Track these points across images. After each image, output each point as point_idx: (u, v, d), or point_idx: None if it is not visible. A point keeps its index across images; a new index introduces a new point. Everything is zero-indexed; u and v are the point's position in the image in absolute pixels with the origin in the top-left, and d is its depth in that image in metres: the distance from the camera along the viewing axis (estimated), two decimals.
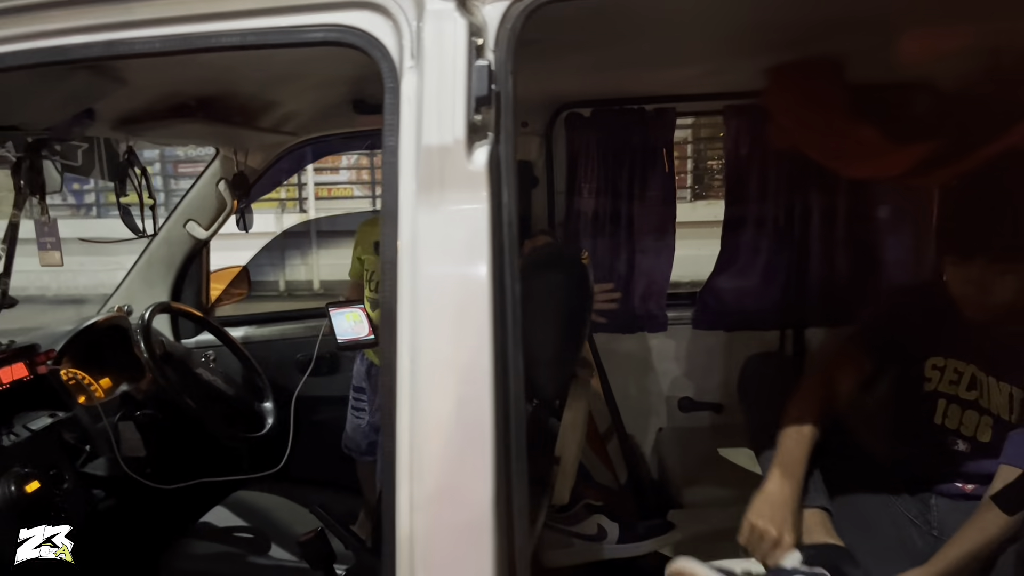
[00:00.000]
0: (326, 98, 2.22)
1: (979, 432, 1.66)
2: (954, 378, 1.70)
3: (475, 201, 1.00)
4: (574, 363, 1.52)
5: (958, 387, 1.69)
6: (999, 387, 1.62)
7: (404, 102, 1.03)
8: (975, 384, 1.67)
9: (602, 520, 1.72)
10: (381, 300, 1.06)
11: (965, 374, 1.68)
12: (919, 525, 1.68)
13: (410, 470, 1.03)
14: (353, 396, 2.55)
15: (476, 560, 1.00)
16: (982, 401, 1.66)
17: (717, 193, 10.55)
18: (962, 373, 1.69)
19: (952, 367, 1.70)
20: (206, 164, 2.57)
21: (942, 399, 1.71)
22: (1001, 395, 1.61)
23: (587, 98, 2.47)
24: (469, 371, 1.00)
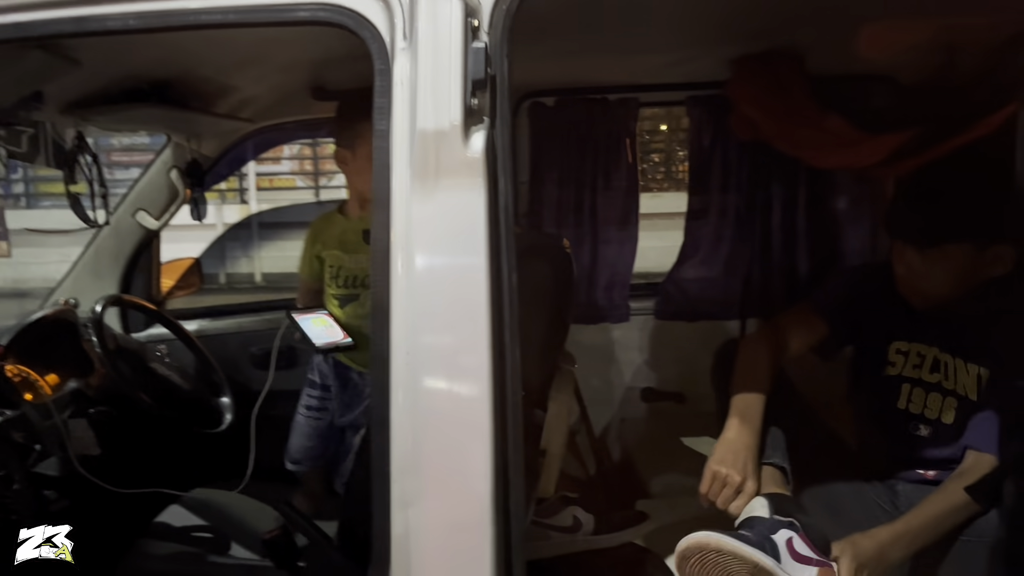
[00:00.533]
0: (285, 84, 2.16)
1: (943, 414, 1.68)
2: (917, 362, 1.72)
3: (472, 188, 0.97)
4: (558, 354, 1.51)
5: (921, 370, 1.71)
6: (967, 368, 1.64)
7: (396, 84, 1.00)
8: (938, 366, 1.69)
9: (577, 512, 1.71)
10: (373, 292, 1.02)
11: (928, 357, 1.70)
12: (887, 510, 1.71)
13: (403, 466, 1.00)
14: (310, 395, 2.32)
15: (474, 557, 0.98)
16: (946, 383, 1.68)
17: (661, 186, 10.66)
18: (925, 356, 1.71)
19: (915, 351, 1.72)
20: (141, 153, 2.48)
21: (906, 383, 1.73)
22: (969, 376, 1.63)
23: (550, 87, 2.45)
24: (467, 364, 0.98)
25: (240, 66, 1.92)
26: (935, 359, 1.70)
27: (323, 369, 2.27)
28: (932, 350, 1.70)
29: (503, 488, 1.00)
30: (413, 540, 0.99)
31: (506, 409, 1.00)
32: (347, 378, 2.22)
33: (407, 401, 0.99)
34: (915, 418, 1.72)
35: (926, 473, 1.71)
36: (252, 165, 9.82)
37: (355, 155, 2.03)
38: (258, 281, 9.50)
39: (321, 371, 2.28)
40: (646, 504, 2.05)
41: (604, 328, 2.61)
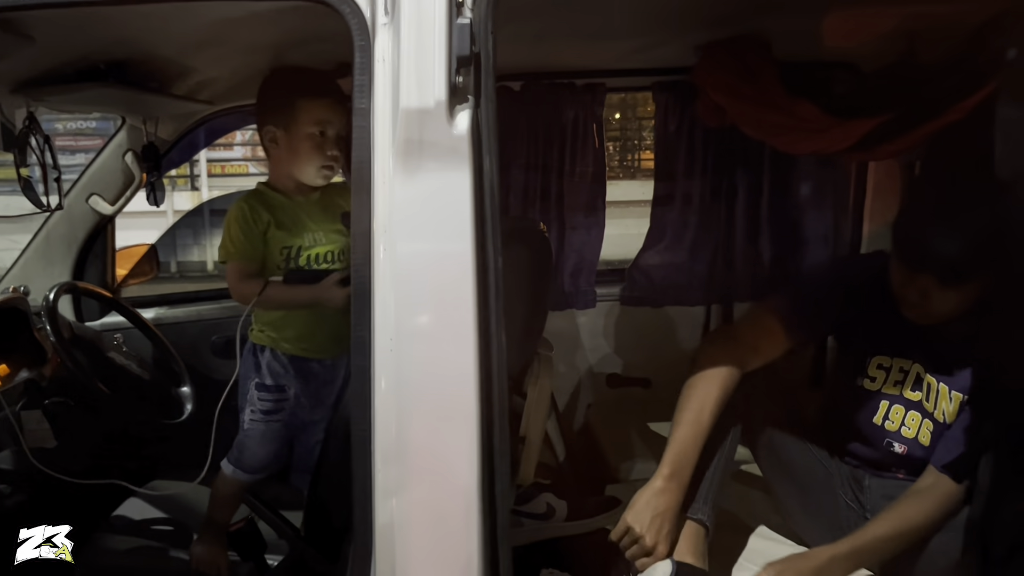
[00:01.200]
0: (247, 66, 2.09)
1: (920, 435, 1.67)
2: (899, 378, 1.69)
3: (458, 168, 0.95)
4: (537, 340, 1.49)
5: (903, 387, 1.69)
6: (949, 395, 1.62)
7: (378, 62, 0.97)
8: (920, 384, 1.67)
9: (550, 498, 1.70)
10: (354, 276, 0.99)
11: (911, 373, 1.68)
12: (854, 508, 1.72)
13: (386, 454, 0.98)
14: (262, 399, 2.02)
15: (460, 543, 0.96)
16: (927, 404, 1.66)
17: (617, 174, 10.72)
18: (907, 372, 1.69)
19: (898, 366, 1.70)
20: (88, 138, 2.39)
21: (885, 400, 1.71)
22: (952, 404, 1.62)
23: (517, 71, 2.43)
24: (452, 350, 0.96)
25: (200, 47, 1.86)
26: (918, 376, 1.67)
27: (274, 368, 2.01)
28: (916, 367, 1.68)
29: (489, 476, 0.98)
30: (398, 530, 0.97)
31: (492, 396, 0.98)
32: (307, 371, 2.01)
33: (391, 388, 0.96)
34: (891, 435, 1.71)
35: (897, 472, 1.73)
36: (204, 151, 9.62)
37: (288, 134, 1.88)
38: (210, 270, 9.34)
39: (272, 371, 2.01)
40: (615, 489, 2.06)
41: (570, 314, 2.60)
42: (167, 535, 2.08)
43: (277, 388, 2.02)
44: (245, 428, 2.02)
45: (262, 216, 1.91)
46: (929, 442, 1.65)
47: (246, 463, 2.00)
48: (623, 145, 11.54)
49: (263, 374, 2.01)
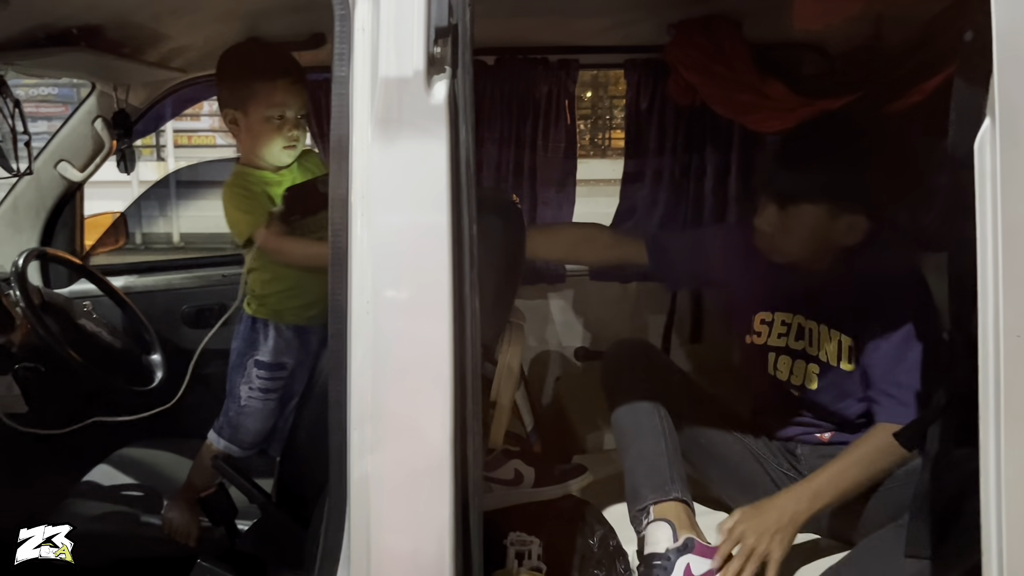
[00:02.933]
0: (221, 34, 2.08)
1: (807, 380, 1.74)
2: (783, 331, 1.76)
3: (435, 137, 0.97)
4: (509, 308, 1.53)
5: (787, 338, 1.76)
6: (829, 334, 1.70)
7: (358, 30, 0.98)
8: (803, 333, 1.74)
9: (519, 465, 1.74)
10: (332, 242, 1.01)
11: (793, 325, 1.75)
12: (792, 477, 1.77)
13: (362, 414, 1.01)
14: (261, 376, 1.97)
15: (433, 502, 1.00)
16: (810, 349, 1.73)
17: (586, 152, 10.74)
18: (790, 324, 1.76)
19: (780, 319, 1.77)
20: (52, 105, 2.36)
21: (772, 352, 1.78)
22: (831, 343, 1.69)
23: (490, 46, 2.44)
24: (427, 314, 0.99)
25: (175, 13, 1.86)
26: (800, 326, 1.75)
27: (278, 344, 1.96)
28: (797, 318, 1.75)
29: (461, 437, 1.01)
30: (372, 487, 1.00)
31: (465, 360, 1.01)
32: (308, 342, 1.99)
33: (367, 352, 0.99)
34: (784, 384, 1.78)
35: (822, 436, 1.79)
36: (170, 121, 9.48)
37: (247, 117, 1.86)
38: (176, 242, 9.23)
39: (276, 347, 1.96)
40: (582, 458, 2.10)
41: (540, 289, 2.64)
42: (137, 500, 2.09)
43: (278, 366, 1.98)
44: (241, 405, 1.98)
45: (255, 190, 1.90)
46: (816, 386, 1.72)
47: (241, 439, 1.99)
48: (594, 124, 11.57)
49: (264, 351, 1.97)
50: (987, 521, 0.96)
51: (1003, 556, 0.95)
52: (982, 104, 0.94)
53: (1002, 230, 0.93)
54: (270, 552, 1.76)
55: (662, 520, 1.57)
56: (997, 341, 0.94)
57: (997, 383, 0.94)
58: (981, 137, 0.95)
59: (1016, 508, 0.95)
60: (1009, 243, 0.93)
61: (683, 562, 1.50)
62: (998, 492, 0.95)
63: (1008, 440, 0.95)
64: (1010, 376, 0.94)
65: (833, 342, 1.69)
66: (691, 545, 1.52)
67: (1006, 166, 0.93)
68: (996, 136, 0.93)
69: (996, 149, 0.93)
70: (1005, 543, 0.95)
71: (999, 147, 0.93)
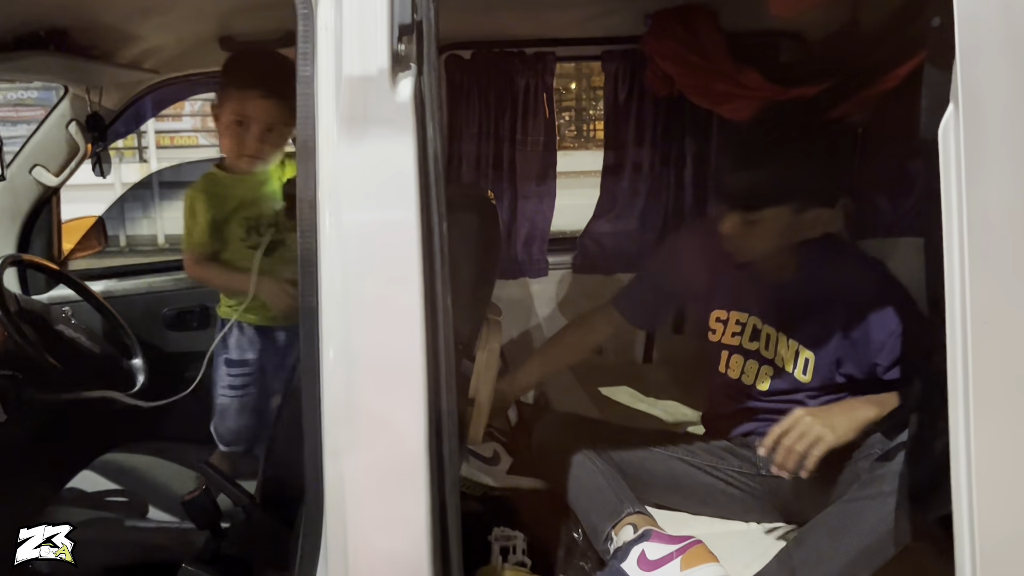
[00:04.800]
0: (193, 33, 2.08)
1: (759, 381, 1.75)
2: (737, 330, 1.77)
3: (401, 134, 0.97)
4: (486, 305, 1.52)
5: (742, 338, 1.77)
6: (788, 343, 1.70)
7: (321, 29, 0.98)
8: (758, 336, 1.74)
9: (498, 448, 1.75)
10: (300, 242, 1.00)
11: (748, 325, 1.76)
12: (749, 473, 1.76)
13: (335, 416, 1.00)
14: (230, 374, 2.09)
15: (409, 500, 0.99)
16: (765, 352, 1.73)
17: (572, 144, 10.74)
18: (744, 324, 1.77)
19: (735, 319, 1.78)
20: (29, 109, 2.33)
21: (725, 350, 1.79)
22: (789, 350, 1.69)
23: (467, 40, 2.43)
24: (399, 313, 0.98)
25: (145, 14, 1.84)
26: (755, 328, 1.75)
27: (241, 342, 2.07)
28: (753, 319, 1.76)
29: (436, 435, 1.01)
30: (348, 488, 0.99)
31: (439, 357, 1.00)
32: (274, 341, 2.07)
33: (339, 352, 0.99)
34: (735, 383, 1.78)
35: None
36: (151, 122, 9.42)
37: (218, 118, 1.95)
38: (161, 243, 9.17)
39: (239, 344, 2.07)
40: None
41: (523, 283, 2.63)
42: (121, 506, 2.08)
43: (241, 363, 2.07)
44: (217, 403, 2.08)
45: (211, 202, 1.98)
46: (768, 387, 1.73)
47: (221, 435, 2.09)
48: (578, 115, 11.56)
49: (229, 348, 2.07)
50: (959, 501, 0.97)
51: (975, 537, 0.95)
52: (948, 90, 0.94)
53: (967, 215, 0.93)
54: (255, 554, 1.75)
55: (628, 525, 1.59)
56: (964, 327, 0.94)
57: (965, 369, 0.94)
58: (945, 122, 0.95)
59: (986, 490, 0.95)
60: (974, 228, 0.93)
61: (638, 549, 1.50)
62: (969, 478, 0.95)
63: (977, 427, 0.95)
64: (978, 361, 0.94)
65: (791, 350, 1.69)
66: (648, 534, 1.52)
67: (970, 151, 0.93)
68: (960, 121, 0.93)
69: (960, 134, 0.93)
70: (977, 525, 0.95)
71: (963, 132, 0.93)
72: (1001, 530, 0.97)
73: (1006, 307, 0.95)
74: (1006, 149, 0.94)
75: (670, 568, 1.49)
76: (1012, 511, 0.97)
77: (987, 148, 0.93)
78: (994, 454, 0.96)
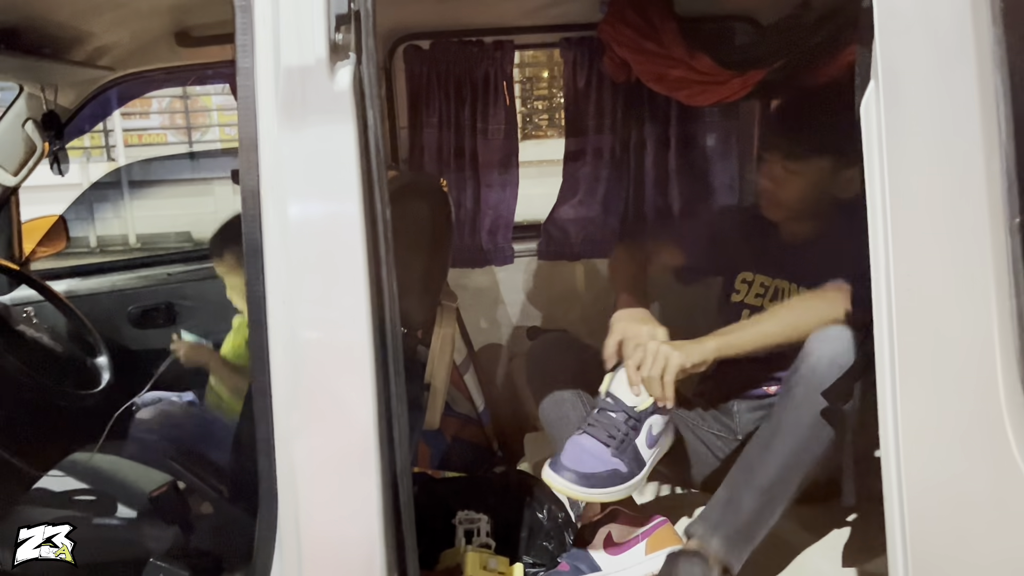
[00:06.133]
0: (147, 29, 2.07)
1: None
2: (760, 291, 1.82)
3: (341, 123, 0.98)
4: (439, 291, 1.54)
5: (764, 299, 1.80)
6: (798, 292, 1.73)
7: (259, 21, 0.98)
8: (778, 295, 1.78)
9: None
10: (245, 234, 1.01)
11: (771, 287, 1.80)
12: (723, 436, 1.80)
13: (284, 402, 1.02)
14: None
15: (360, 483, 1.01)
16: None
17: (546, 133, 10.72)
18: (768, 287, 1.81)
19: (759, 281, 1.82)
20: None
21: (746, 310, 1.81)
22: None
23: (425, 30, 2.43)
24: (344, 298, 0.99)
25: (96, 10, 1.83)
26: (777, 288, 1.79)
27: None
28: (776, 281, 1.80)
29: (387, 418, 1.03)
30: (299, 473, 1.01)
31: (386, 340, 1.02)
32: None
33: (287, 340, 1.00)
34: None
35: (768, 390, 1.79)
36: (119, 120, 9.30)
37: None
38: (132, 243, 9.08)
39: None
40: (534, 436, 2.13)
41: (489, 271, 2.65)
42: (91, 505, 2.08)
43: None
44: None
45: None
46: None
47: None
48: (550, 104, 11.55)
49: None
50: (887, 471, 1.00)
51: (903, 504, 0.99)
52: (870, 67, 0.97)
53: (889, 185, 0.96)
54: (223, 546, 1.76)
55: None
56: (889, 295, 0.97)
57: (891, 331, 0.98)
58: (867, 99, 0.98)
59: (911, 442, 0.99)
60: (896, 198, 0.96)
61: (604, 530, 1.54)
62: (896, 445, 0.99)
63: (904, 400, 0.99)
64: (902, 323, 0.97)
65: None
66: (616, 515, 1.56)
67: (889, 125, 0.96)
68: (880, 97, 0.96)
69: (880, 110, 0.96)
70: (905, 491, 0.99)
71: (883, 108, 0.96)
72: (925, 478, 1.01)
73: (928, 280, 0.98)
74: (923, 124, 0.97)
75: (635, 552, 1.51)
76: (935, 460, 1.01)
77: (905, 123, 0.97)
78: (918, 411, 1.00)
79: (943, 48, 0.96)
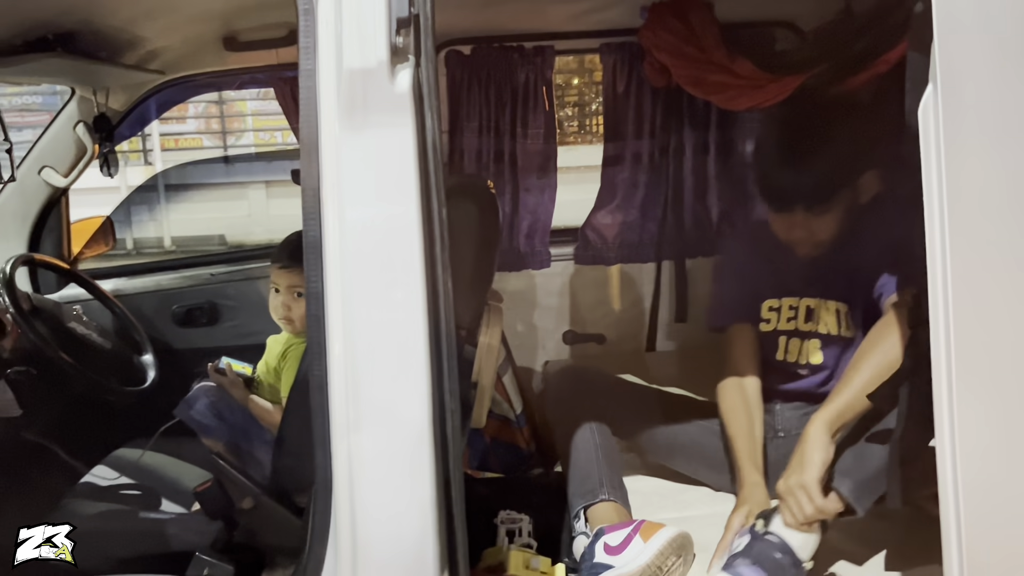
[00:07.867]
0: (197, 34, 2.11)
1: (811, 356, 1.77)
2: (791, 315, 1.79)
3: (400, 124, 1.00)
4: (487, 291, 1.55)
5: (796, 321, 1.79)
6: (827, 306, 1.74)
7: (321, 24, 1.01)
8: (811, 315, 1.77)
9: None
10: (305, 232, 1.04)
11: (799, 308, 1.78)
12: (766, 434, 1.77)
13: (343, 396, 1.04)
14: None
15: (415, 479, 1.03)
16: (820, 328, 1.76)
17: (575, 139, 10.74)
18: (797, 308, 1.79)
19: (787, 304, 1.80)
20: (34, 114, 2.36)
21: (783, 336, 1.80)
22: (829, 313, 1.73)
23: (467, 35, 2.46)
24: (401, 297, 1.01)
25: (149, 15, 1.88)
26: (808, 308, 1.77)
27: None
28: (804, 301, 1.78)
29: (440, 415, 1.04)
30: (355, 467, 1.03)
31: (440, 339, 1.04)
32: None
33: (345, 335, 1.02)
34: (793, 366, 1.80)
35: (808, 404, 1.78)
36: (156, 125, 9.46)
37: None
38: (167, 246, 9.23)
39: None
40: None
41: (526, 274, 2.67)
42: (137, 499, 2.12)
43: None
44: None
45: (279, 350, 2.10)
46: (821, 359, 1.75)
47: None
48: (581, 110, 11.57)
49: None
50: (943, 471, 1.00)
51: (959, 505, 0.99)
52: (927, 72, 0.97)
53: (947, 191, 0.96)
54: (266, 541, 1.79)
55: (582, 534, 1.61)
56: (947, 302, 0.97)
57: (948, 344, 0.98)
58: (925, 102, 0.98)
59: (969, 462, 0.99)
60: (954, 204, 0.96)
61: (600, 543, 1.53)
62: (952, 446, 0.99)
63: (960, 400, 0.98)
64: (960, 336, 0.97)
65: (831, 312, 1.73)
66: (601, 532, 1.55)
67: (948, 129, 0.96)
68: (938, 101, 0.96)
69: (939, 113, 0.96)
70: (961, 492, 0.98)
71: (941, 111, 0.96)
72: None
73: (986, 282, 0.98)
74: (982, 127, 0.97)
75: (635, 544, 1.52)
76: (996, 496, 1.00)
77: (965, 126, 0.97)
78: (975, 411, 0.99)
79: (1006, 49, 0.96)
